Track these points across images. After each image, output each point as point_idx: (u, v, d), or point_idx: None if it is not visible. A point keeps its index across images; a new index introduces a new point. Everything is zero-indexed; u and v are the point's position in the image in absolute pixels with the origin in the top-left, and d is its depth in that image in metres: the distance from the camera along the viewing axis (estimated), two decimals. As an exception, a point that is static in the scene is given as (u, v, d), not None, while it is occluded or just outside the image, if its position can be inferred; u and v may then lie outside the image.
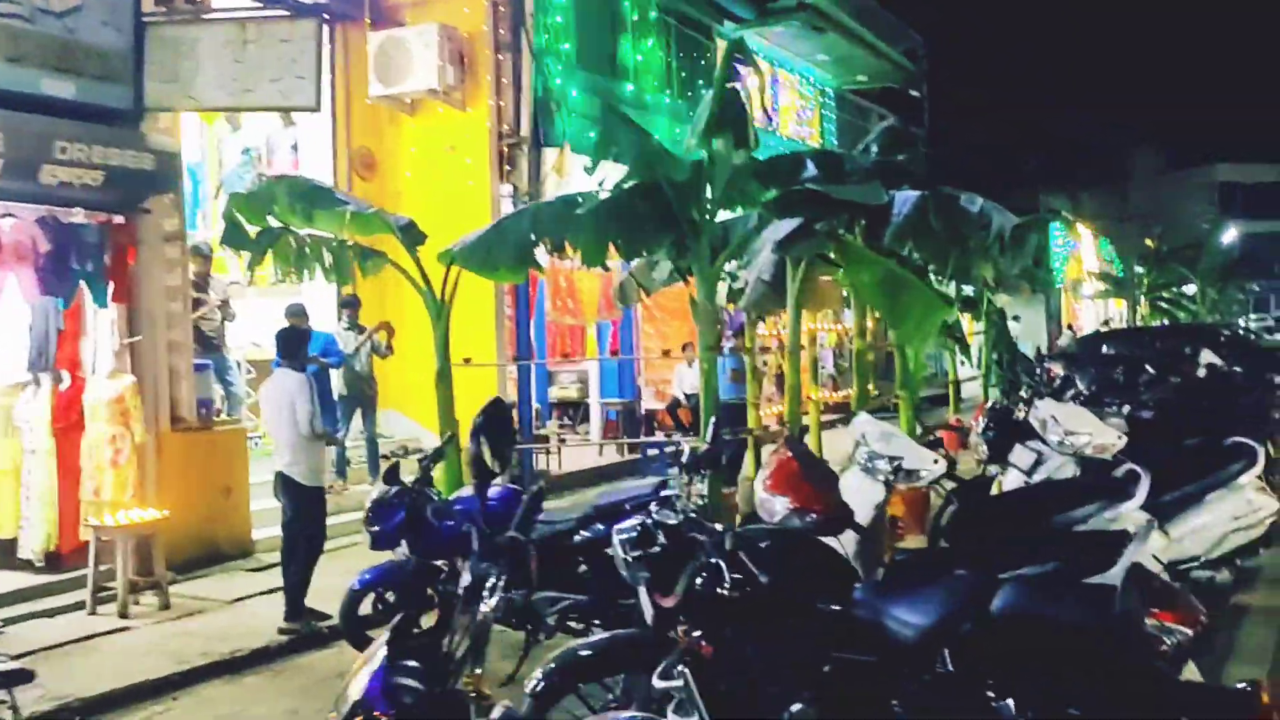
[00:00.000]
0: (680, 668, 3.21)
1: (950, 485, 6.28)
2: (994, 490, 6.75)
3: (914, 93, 21.81)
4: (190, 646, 6.62)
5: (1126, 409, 9.93)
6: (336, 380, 10.87)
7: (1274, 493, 6.66)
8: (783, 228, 7.03)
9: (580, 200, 6.18)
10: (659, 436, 13.59)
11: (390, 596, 6.32)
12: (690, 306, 6.48)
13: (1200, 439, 7.43)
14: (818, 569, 3.79)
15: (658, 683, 3.25)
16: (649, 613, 3.74)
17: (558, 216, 6.17)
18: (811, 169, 6.37)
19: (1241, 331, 25.55)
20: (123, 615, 7.14)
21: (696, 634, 3.28)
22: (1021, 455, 6.48)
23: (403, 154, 12.50)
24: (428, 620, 6.23)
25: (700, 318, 6.38)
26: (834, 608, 3.46)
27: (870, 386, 14.00)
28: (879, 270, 6.86)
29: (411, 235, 7.15)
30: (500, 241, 6.39)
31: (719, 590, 3.42)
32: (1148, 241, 36.33)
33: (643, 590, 3.73)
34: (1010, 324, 32.13)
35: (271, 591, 7.44)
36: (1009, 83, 32.25)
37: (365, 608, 6.37)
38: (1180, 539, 6.34)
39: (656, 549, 3.63)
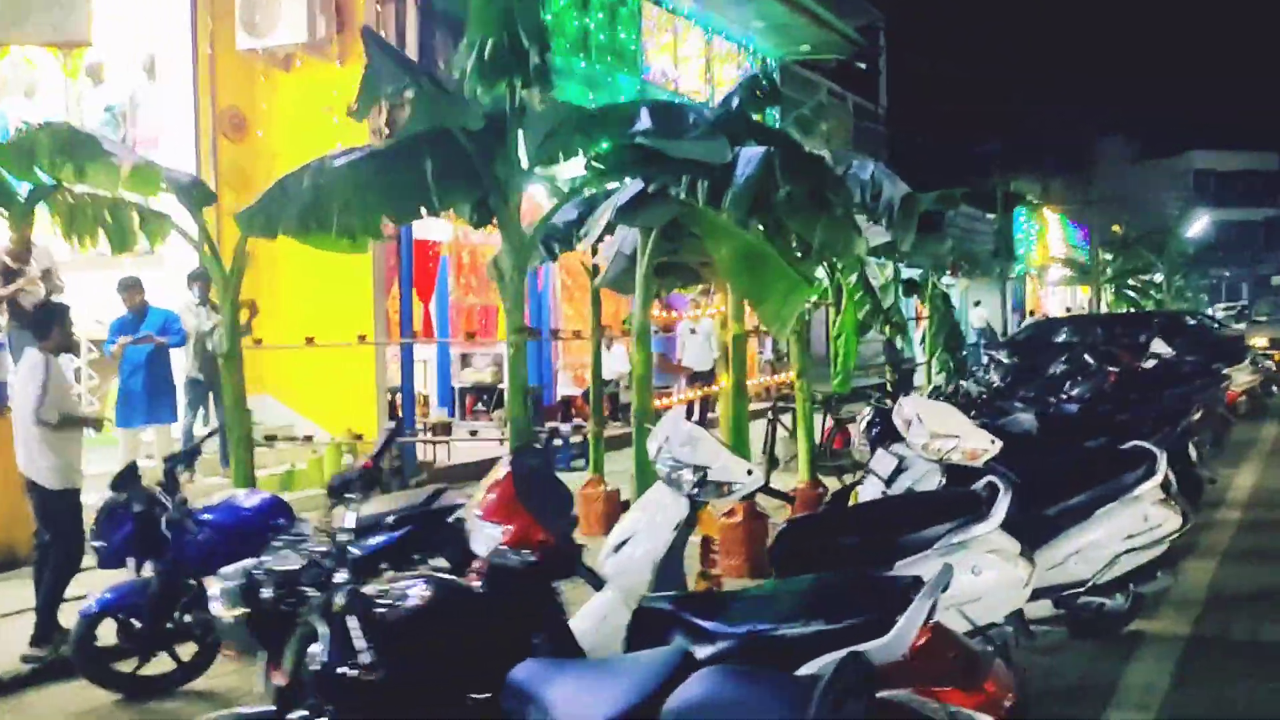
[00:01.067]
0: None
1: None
2: (852, 501, 5.83)
3: (861, 65, 20.79)
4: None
5: (1038, 406, 9.09)
6: (187, 362, 9.88)
7: (1179, 505, 5.74)
8: (628, 192, 6.09)
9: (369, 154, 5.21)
10: (572, 424, 12.65)
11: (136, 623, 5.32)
12: (495, 277, 5.48)
13: (1104, 441, 6.53)
14: (480, 638, 2.83)
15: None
16: (267, 688, 2.78)
17: (342, 174, 5.18)
18: (646, 120, 5.38)
19: (1207, 320, 24.74)
20: None
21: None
22: (882, 461, 5.53)
23: (277, 114, 11.44)
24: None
25: (506, 292, 5.39)
26: (485, 695, 2.50)
27: (788, 376, 13.11)
28: (737, 243, 5.88)
29: (196, 195, 6.12)
30: (286, 203, 5.37)
31: (342, 669, 2.47)
32: (1114, 228, 35.57)
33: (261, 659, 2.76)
34: (973, 310, 31.51)
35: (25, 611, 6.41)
36: (976, 64, 31.24)
37: (109, 635, 5.38)
38: (1064, 560, 5.43)
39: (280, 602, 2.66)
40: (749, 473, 4.36)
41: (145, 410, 9.49)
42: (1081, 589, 5.40)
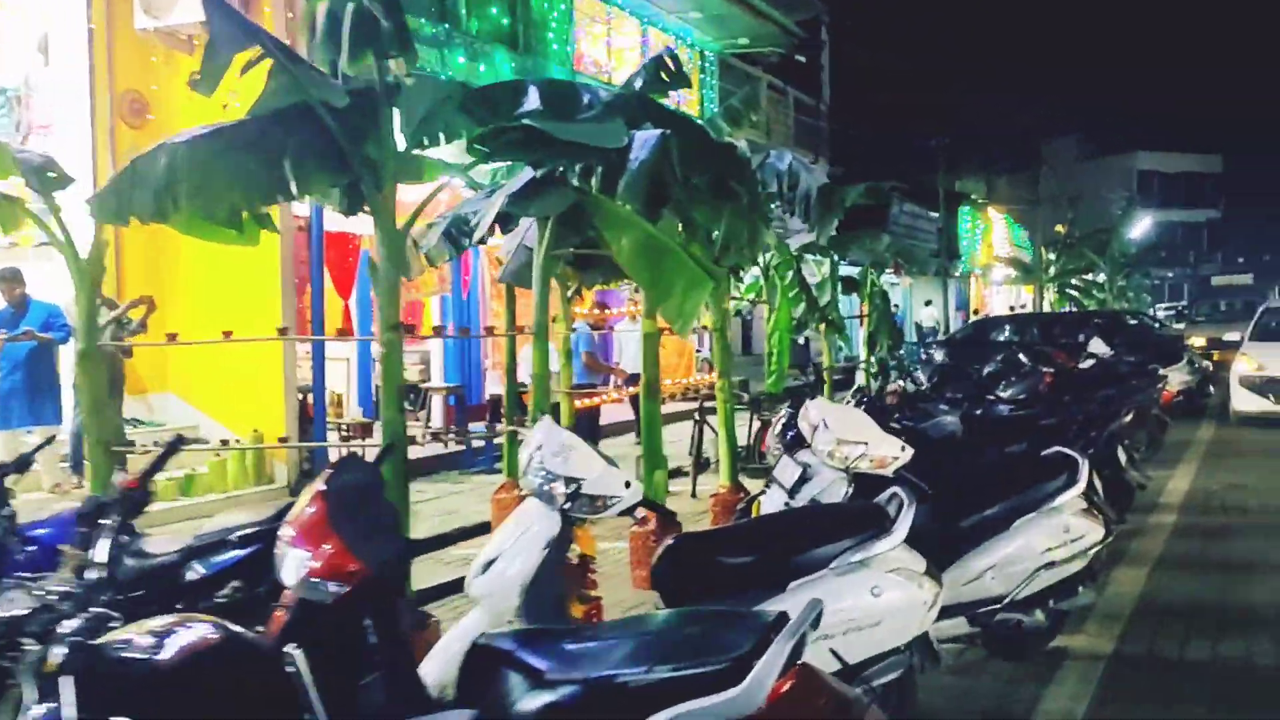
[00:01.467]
0: None
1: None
2: (755, 513, 5.44)
3: (800, 58, 20.47)
4: None
5: (970, 406, 8.78)
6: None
7: (1102, 515, 5.42)
8: (521, 179, 5.65)
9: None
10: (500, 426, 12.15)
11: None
12: (370, 272, 5.01)
13: (1026, 447, 6.21)
14: (259, 696, 2.37)
15: None
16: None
17: (190, 154, 4.69)
18: (535, 100, 4.93)
19: (1148, 320, 24.78)
20: None
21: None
22: (786, 469, 5.14)
23: (180, 100, 10.83)
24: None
25: (380, 286, 4.93)
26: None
27: (713, 376, 12.77)
28: (637, 234, 5.46)
29: (48, 179, 5.57)
30: (137, 187, 4.86)
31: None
32: (1058, 227, 35.71)
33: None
34: (923, 309, 31.44)
35: None
36: (921, 61, 31.11)
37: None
38: (980, 575, 5.07)
39: None
40: (627, 485, 3.94)
41: (27, 411, 8.92)
42: (998, 605, 5.06)
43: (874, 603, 3.93)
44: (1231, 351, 16.25)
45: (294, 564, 2.77)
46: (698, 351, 18.96)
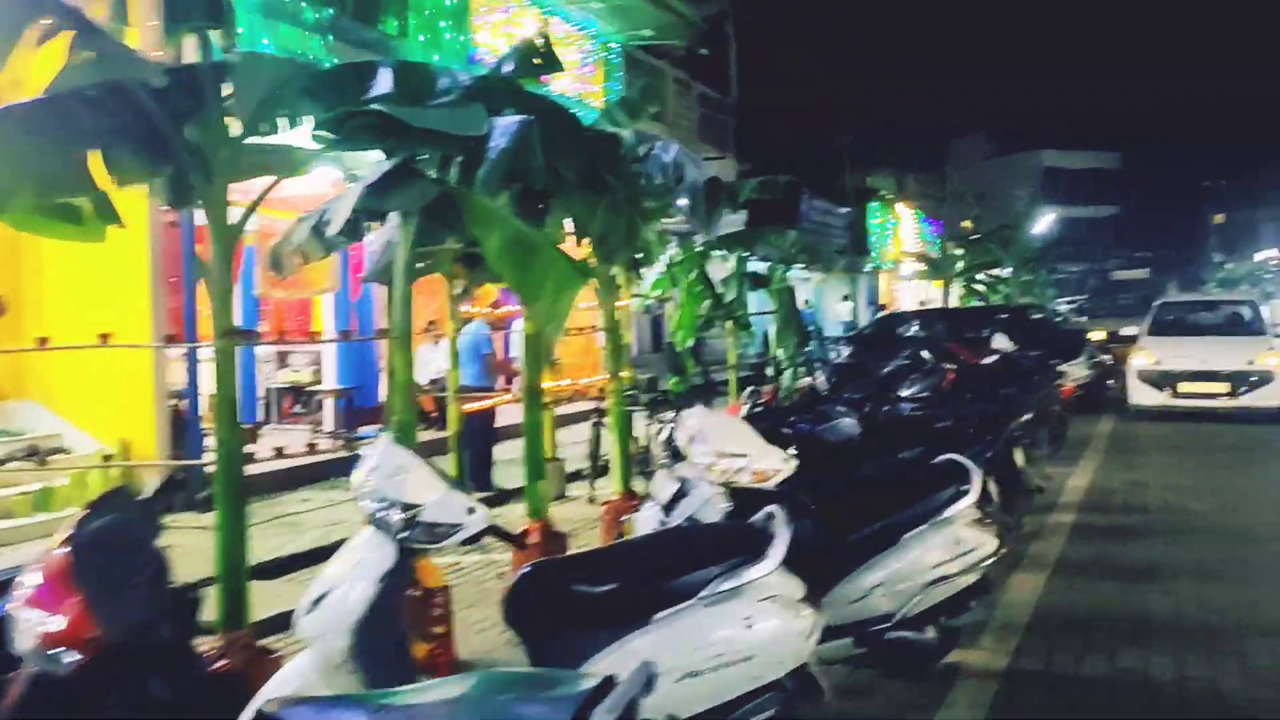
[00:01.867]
0: None
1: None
2: (627, 532, 5.07)
3: (704, 51, 20.19)
4: None
5: (875, 406, 8.55)
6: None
7: (996, 524, 5.17)
8: (379, 170, 5.19)
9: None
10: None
11: None
12: (199, 272, 4.51)
13: (920, 453, 5.94)
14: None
15: None
16: None
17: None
18: (387, 83, 4.48)
19: (1051, 314, 25.05)
20: None
21: None
22: (661, 484, 4.78)
23: (38, 87, 10.06)
24: None
25: (214, 288, 4.43)
26: None
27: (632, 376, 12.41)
28: (505, 230, 5.04)
29: None
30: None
31: None
32: (964, 223, 36.16)
33: None
34: (841, 304, 31.48)
35: None
36: (830, 57, 31.11)
37: None
38: (868, 593, 4.78)
39: None
40: (471, 511, 3.54)
41: None
42: (888, 624, 4.77)
43: (746, 635, 3.59)
44: (1129, 346, 16.42)
45: (26, 628, 2.31)
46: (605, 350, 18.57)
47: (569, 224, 6.88)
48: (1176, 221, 60.49)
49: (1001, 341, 13.92)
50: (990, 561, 4.93)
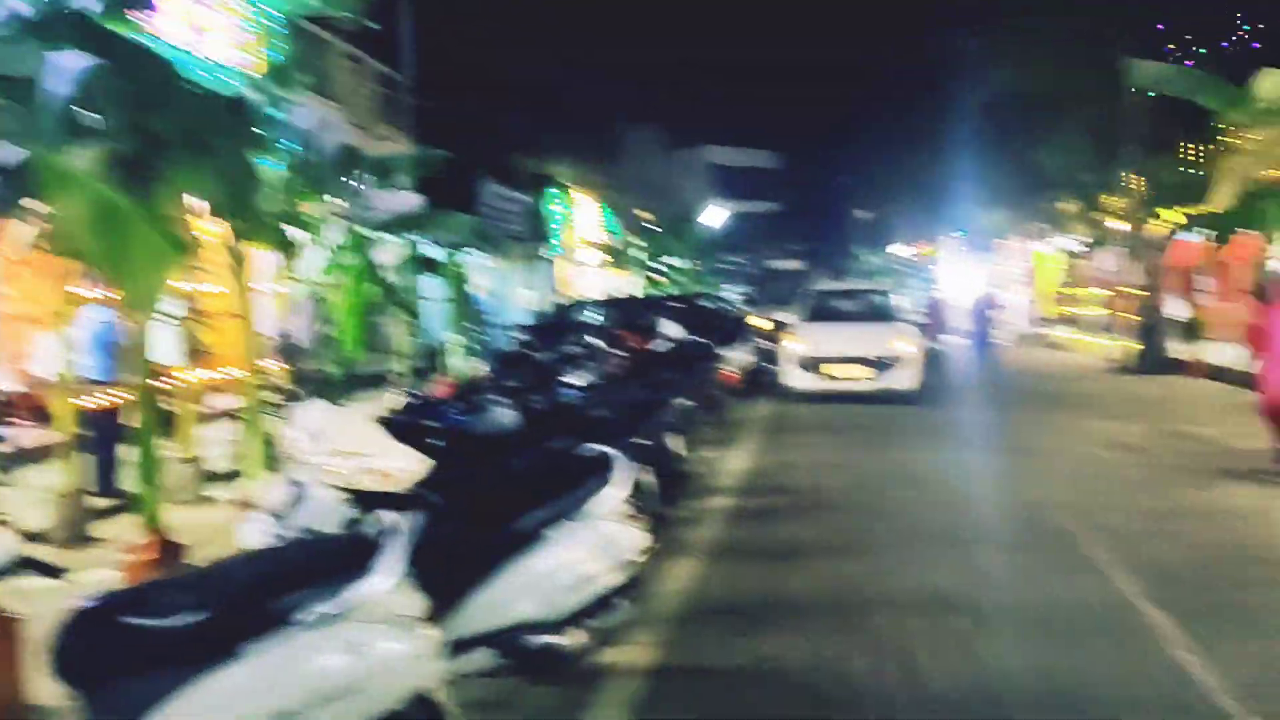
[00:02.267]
0: None
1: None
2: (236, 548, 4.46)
3: (374, 25, 19.23)
4: None
5: (542, 394, 8.30)
6: None
7: (646, 517, 5.01)
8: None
9: None
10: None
11: None
12: None
13: (570, 442, 5.69)
14: None
15: None
16: None
17: None
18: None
19: (720, 302, 26.13)
20: None
21: None
22: (273, 489, 4.21)
23: None
24: None
25: None
26: None
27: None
28: (87, 197, 4.25)
29: None
30: None
31: None
32: (636, 213, 37.19)
33: None
34: (527, 292, 31.23)
35: None
36: (508, 44, 30.77)
37: None
38: (508, 598, 4.45)
39: None
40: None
41: None
42: (530, 630, 4.46)
43: (352, 664, 3.12)
44: (786, 332, 17.32)
45: None
46: (272, 337, 17.25)
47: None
48: (828, 217, 65.70)
49: (669, 328, 14.22)
50: (639, 558, 4.74)
